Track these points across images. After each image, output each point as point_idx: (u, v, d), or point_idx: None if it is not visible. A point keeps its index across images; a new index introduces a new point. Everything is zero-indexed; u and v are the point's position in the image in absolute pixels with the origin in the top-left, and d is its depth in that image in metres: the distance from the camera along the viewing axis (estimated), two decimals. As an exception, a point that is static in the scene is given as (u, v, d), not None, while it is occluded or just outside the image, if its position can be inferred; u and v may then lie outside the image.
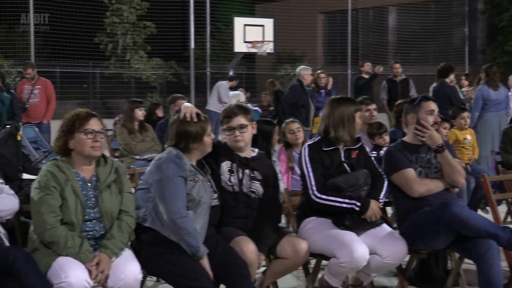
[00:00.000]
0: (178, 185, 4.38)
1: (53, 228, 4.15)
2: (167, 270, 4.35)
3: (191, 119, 4.57)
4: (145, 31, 24.85)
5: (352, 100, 5.26)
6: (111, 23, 24.45)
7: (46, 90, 12.25)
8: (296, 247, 4.76)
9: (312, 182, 4.90)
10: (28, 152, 8.40)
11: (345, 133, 5.02)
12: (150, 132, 8.94)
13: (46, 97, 12.22)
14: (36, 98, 12.13)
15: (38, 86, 12.21)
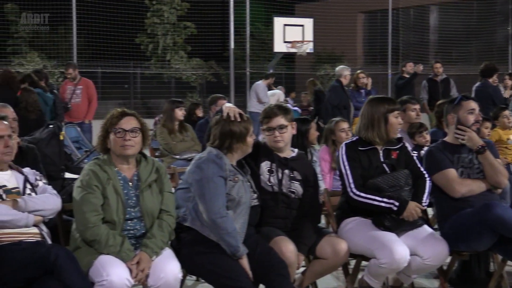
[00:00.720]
0: (218, 185, 4.39)
1: (95, 227, 4.20)
2: (207, 270, 4.37)
3: (235, 118, 4.57)
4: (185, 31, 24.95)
5: (386, 100, 5.15)
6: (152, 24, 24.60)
7: (88, 90, 12.38)
8: (336, 248, 4.74)
9: (350, 180, 4.87)
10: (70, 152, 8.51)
11: (374, 134, 4.97)
12: (190, 132, 8.98)
13: (88, 97, 12.34)
14: (78, 98, 12.26)
15: (80, 86, 12.35)
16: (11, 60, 20.93)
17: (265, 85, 15.83)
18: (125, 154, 4.39)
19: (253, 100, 15.75)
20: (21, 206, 4.21)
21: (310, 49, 18.83)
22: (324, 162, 6.74)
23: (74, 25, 18.86)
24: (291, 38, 18.34)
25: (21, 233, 4.21)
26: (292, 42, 18.35)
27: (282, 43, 18.37)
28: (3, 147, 4.33)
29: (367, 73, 13.80)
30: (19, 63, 20.75)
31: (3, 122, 4.40)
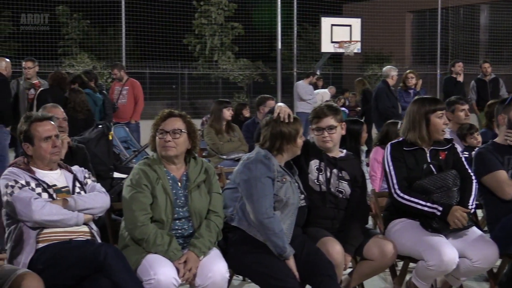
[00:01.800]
0: (266, 185, 4.40)
1: (144, 226, 4.24)
2: (254, 269, 4.37)
3: (284, 120, 4.57)
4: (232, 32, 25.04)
5: (428, 100, 5.04)
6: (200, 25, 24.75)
7: (134, 90, 12.46)
8: (383, 249, 4.70)
9: (394, 180, 4.83)
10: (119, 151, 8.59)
11: (415, 135, 4.90)
12: (237, 132, 9.00)
13: (134, 98, 12.42)
14: (124, 98, 12.36)
15: (126, 87, 12.46)
16: (62, 61, 21.28)
17: (306, 84, 15.83)
18: (165, 154, 4.42)
19: (297, 100, 15.78)
20: (71, 205, 4.27)
21: (358, 49, 18.72)
22: (376, 163, 6.68)
23: (123, 27, 19.07)
24: (338, 38, 18.26)
25: (71, 231, 4.27)
26: (339, 42, 18.26)
27: (329, 43, 18.30)
28: (51, 147, 4.40)
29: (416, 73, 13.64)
30: (70, 64, 21.09)
31: (50, 122, 4.47)
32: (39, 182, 4.31)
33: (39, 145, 4.38)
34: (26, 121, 4.45)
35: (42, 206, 4.15)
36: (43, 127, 4.41)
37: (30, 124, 4.41)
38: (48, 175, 4.40)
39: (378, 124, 11.68)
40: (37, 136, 4.38)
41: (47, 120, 4.46)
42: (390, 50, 26.08)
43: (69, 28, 23.20)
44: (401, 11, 26.94)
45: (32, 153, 4.40)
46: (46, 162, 4.41)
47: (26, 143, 4.41)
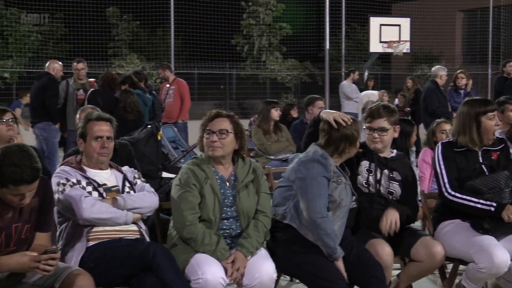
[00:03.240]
0: (322, 184, 4.37)
1: (192, 225, 4.26)
2: (302, 269, 4.36)
3: (345, 122, 4.52)
4: (280, 32, 25.03)
5: (478, 101, 4.94)
6: (248, 25, 24.81)
7: (180, 90, 12.52)
8: (431, 250, 4.63)
9: (445, 179, 4.76)
10: (168, 151, 8.67)
11: (466, 139, 4.82)
12: (285, 133, 8.99)
13: (180, 98, 12.49)
14: (170, 98, 12.43)
15: (172, 86, 12.55)
16: (112, 62, 21.55)
17: (349, 82, 15.77)
18: (211, 155, 4.43)
19: (344, 100, 15.73)
20: (120, 204, 4.32)
21: (407, 49, 18.54)
22: (425, 164, 6.61)
23: (172, 28, 19.23)
24: (387, 38, 18.11)
25: (120, 230, 4.32)
26: (388, 42, 18.11)
27: (378, 43, 18.16)
28: (99, 147, 4.46)
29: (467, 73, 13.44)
30: (120, 65, 21.35)
31: (107, 123, 4.54)
32: (90, 180, 4.38)
33: (89, 142, 4.46)
34: (86, 117, 4.57)
35: (92, 204, 4.21)
36: (98, 126, 4.49)
37: (87, 122, 4.52)
38: (99, 174, 4.46)
39: (427, 124, 11.54)
40: (90, 133, 4.46)
41: (104, 121, 4.54)
42: (440, 50, 25.78)
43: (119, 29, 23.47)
44: (452, 10, 26.59)
45: (83, 150, 4.50)
46: (94, 161, 4.47)
47: (80, 139, 4.51)
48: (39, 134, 10.47)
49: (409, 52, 19.02)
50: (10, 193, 3.67)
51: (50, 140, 10.28)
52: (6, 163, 3.60)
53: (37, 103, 10.48)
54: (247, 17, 24.79)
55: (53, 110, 10.45)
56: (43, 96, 10.35)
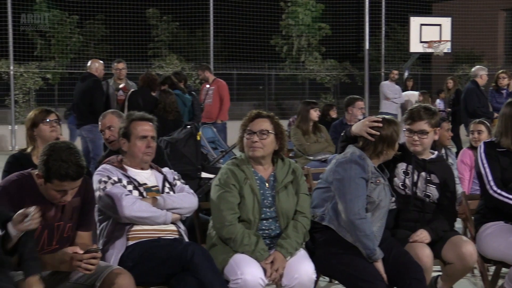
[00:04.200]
0: (360, 186, 4.35)
1: (231, 225, 4.27)
2: (342, 271, 4.34)
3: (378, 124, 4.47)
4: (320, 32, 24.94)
5: None
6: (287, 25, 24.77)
7: (219, 90, 12.55)
8: (460, 251, 4.54)
9: (489, 177, 4.68)
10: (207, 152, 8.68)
11: (508, 141, 4.74)
12: (324, 133, 8.96)
13: (220, 98, 12.52)
14: (210, 98, 12.46)
15: (212, 87, 12.59)
16: (151, 62, 21.71)
17: (390, 83, 15.66)
18: (252, 155, 4.43)
19: (383, 100, 15.65)
20: (160, 204, 4.35)
21: (448, 49, 18.36)
22: (463, 165, 6.53)
23: (211, 28, 19.32)
24: (428, 38, 17.96)
25: (159, 230, 4.34)
26: (429, 42, 17.96)
27: (418, 43, 18.02)
28: (145, 147, 4.49)
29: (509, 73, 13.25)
30: (159, 65, 21.49)
31: (149, 124, 4.58)
32: (131, 180, 4.41)
33: (134, 142, 4.49)
34: (128, 118, 4.59)
35: (133, 203, 4.25)
36: (142, 126, 4.52)
37: (130, 122, 4.54)
38: (140, 174, 4.50)
39: (468, 125, 11.41)
40: (134, 133, 4.49)
41: (147, 121, 4.57)
42: (482, 50, 25.45)
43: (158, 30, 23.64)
44: (494, 9, 26.23)
45: (127, 150, 4.52)
46: (138, 161, 4.50)
47: (123, 139, 4.54)
48: (85, 135, 10.56)
49: (450, 52, 18.83)
50: (53, 188, 3.73)
51: (97, 142, 10.35)
52: (53, 158, 3.68)
53: (83, 105, 10.52)
54: (286, 18, 24.74)
55: (100, 112, 10.52)
56: (89, 98, 10.38)
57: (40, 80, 20.53)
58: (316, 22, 25.18)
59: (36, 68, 20.49)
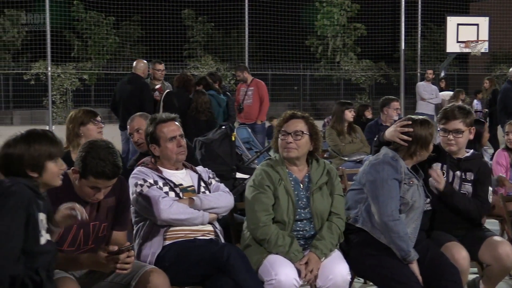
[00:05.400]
0: (392, 187, 4.32)
1: (265, 226, 4.27)
2: (376, 272, 4.31)
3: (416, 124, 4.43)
4: (355, 33, 24.86)
5: None
6: (322, 26, 24.72)
7: (259, 91, 12.53)
8: (497, 252, 4.48)
9: None
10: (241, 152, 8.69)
11: None
12: (359, 134, 8.92)
13: (259, 98, 12.51)
14: (249, 99, 12.47)
15: (251, 87, 12.58)
16: (187, 63, 21.82)
17: (427, 83, 15.54)
18: (286, 156, 4.42)
19: (419, 101, 15.54)
20: (197, 204, 4.36)
21: (485, 49, 18.13)
22: (499, 166, 6.45)
23: (246, 29, 19.33)
24: (465, 37, 17.75)
25: (196, 230, 4.35)
26: (466, 42, 17.76)
27: (455, 43, 17.82)
28: (176, 147, 4.50)
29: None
30: (194, 66, 21.60)
31: (175, 123, 4.57)
32: (166, 181, 4.42)
33: (165, 145, 4.49)
34: (151, 123, 4.57)
35: (170, 205, 4.26)
36: (168, 127, 4.51)
37: (155, 126, 4.53)
38: (175, 175, 4.51)
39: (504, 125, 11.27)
40: (162, 137, 4.49)
41: (171, 121, 4.56)
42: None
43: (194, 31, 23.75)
44: (533, 8, 25.86)
45: (159, 154, 4.51)
46: (173, 162, 4.52)
47: (153, 145, 4.53)
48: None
49: (487, 52, 18.60)
50: (87, 185, 3.76)
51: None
52: (91, 155, 3.72)
53: (133, 108, 10.43)
54: (321, 18, 24.69)
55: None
56: (138, 100, 10.31)
57: (77, 81, 20.78)
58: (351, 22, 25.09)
59: (73, 69, 20.72)
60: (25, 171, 3.34)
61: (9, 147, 3.37)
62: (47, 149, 3.38)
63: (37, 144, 3.37)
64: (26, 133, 3.43)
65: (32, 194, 3.27)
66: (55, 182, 3.45)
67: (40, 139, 3.39)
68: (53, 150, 3.41)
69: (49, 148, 3.40)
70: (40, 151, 3.36)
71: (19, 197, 3.20)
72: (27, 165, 3.34)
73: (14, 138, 3.40)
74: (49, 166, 3.39)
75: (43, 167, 3.37)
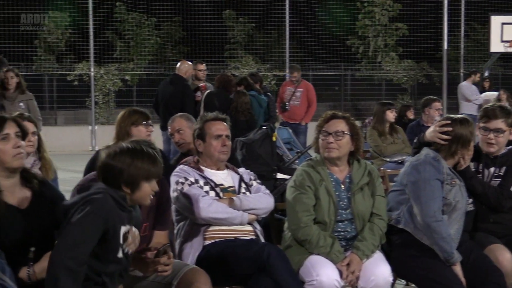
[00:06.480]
0: (435, 187, 4.28)
1: (307, 227, 4.27)
2: (418, 274, 4.28)
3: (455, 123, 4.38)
4: (396, 32, 24.64)
5: None
6: (363, 26, 24.57)
7: (308, 93, 12.63)
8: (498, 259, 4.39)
9: None
10: (282, 153, 8.70)
11: None
12: (401, 134, 8.87)
13: (308, 100, 12.57)
14: (297, 100, 12.54)
15: (300, 89, 12.63)
16: (227, 64, 21.87)
17: (469, 84, 15.33)
18: (327, 156, 4.41)
19: (462, 102, 15.33)
20: (237, 205, 4.38)
21: (531, 49, 17.84)
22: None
23: (287, 29, 19.33)
24: (509, 37, 17.50)
25: (236, 230, 4.37)
26: (510, 41, 17.50)
27: (499, 43, 17.58)
28: (220, 145, 4.53)
29: None
30: (235, 66, 21.64)
31: (223, 123, 4.62)
32: (207, 180, 4.45)
33: (210, 142, 4.53)
34: (201, 119, 4.65)
35: (210, 204, 4.28)
36: (216, 126, 4.57)
37: (204, 122, 4.59)
38: (216, 175, 4.54)
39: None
40: (209, 133, 4.54)
41: (220, 121, 4.62)
42: None
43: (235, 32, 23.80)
44: None
45: (203, 150, 4.56)
46: (214, 160, 4.54)
47: (198, 140, 4.58)
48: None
49: (533, 51, 18.30)
50: None
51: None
52: None
53: (174, 109, 10.50)
54: (362, 18, 24.53)
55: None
56: (179, 101, 10.36)
57: (119, 82, 20.96)
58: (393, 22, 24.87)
59: (115, 69, 20.92)
60: (120, 185, 3.39)
61: (113, 159, 3.41)
62: (147, 170, 3.42)
63: (140, 162, 3.40)
64: (132, 146, 3.45)
65: (114, 206, 3.31)
66: (144, 202, 3.51)
67: (143, 157, 3.42)
68: (152, 171, 3.44)
69: (149, 168, 3.43)
70: (140, 170, 3.40)
71: (100, 206, 3.25)
72: (123, 181, 3.38)
73: (120, 150, 3.42)
74: (143, 186, 3.43)
75: (137, 186, 3.41)
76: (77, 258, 3.16)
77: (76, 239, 3.17)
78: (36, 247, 3.39)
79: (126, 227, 3.39)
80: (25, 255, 3.36)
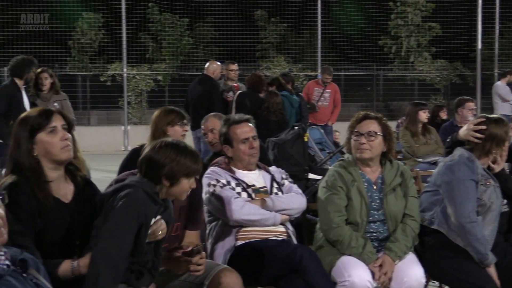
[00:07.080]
0: (469, 188, 4.24)
1: (338, 227, 4.25)
2: (451, 275, 4.25)
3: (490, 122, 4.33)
4: (429, 32, 24.46)
5: None
6: (396, 26, 24.42)
7: (335, 95, 12.83)
8: None
9: None
10: (314, 153, 8.68)
11: None
12: (434, 135, 8.80)
13: (334, 102, 12.71)
14: (326, 101, 12.68)
15: (328, 90, 12.70)
16: (259, 64, 21.89)
17: (504, 84, 15.15)
18: (360, 157, 4.39)
19: (497, 102, 15.14)
20: (269, 206, 4.37)
21: None
22: None
23: (319, 29, 19.30)
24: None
25: (268, 231, 4.37)
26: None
27: (534, 42, 17.36)
28: (249, 148, 4.51)
29: None
30: (267, 67, 21.65)
31: (248, 124, 4.57)
32: (239, 181, 4.45)
33: (237, 147, 4.51)
34: (225, 123, 4.60)
35: (242, 206, 4.28)
36: (241, 129, 4.53)
37: (229, 127, 4.55)
38: (248, 175, 4.53)
39: None
40: (235, 138, 4.51)
41: (244, 122, 4.58)
42: None
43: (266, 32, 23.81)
44: None
45: (232, 155, 4.54)
46: (245, 164, 4.53)
47: (226, 145, 4.56)
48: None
49: None
50: None
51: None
52: None
53: (202, 108, 10.55)
54: (395, 18, 24.38)
55: None
56: (207, 101, 10.42)
57: (151, 82, 21.09)
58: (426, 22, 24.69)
59: (148, 70, 21.05)
60: (161, 178, 3.46)
61: (157, 153, 3.49)
62: (188, 166, 3.50)
63: (183, 158, 3.48)
64: (176, 142, 3.55)
65: (146, 199, 3.38)
66: (181, 197, 3.59)
67: (186, 154, 3.50)
68: (193, 168, 3.52)
69: (191, 165, 3.51)
70: (182, 166, 3.48)
71: (133, 200, 3.33)
72: (164, 174, 3.46)
73: (164, 145, 3.51)
74: (182, 182, 3.50)
75: (177, 181, 3.48)
76: (119, 255, 3.23)
77: (117, 235, 3.24)
78: (79, 242, 3.43)
79: (156, 219, 3.44)
80: (70, 249, 3.39)
